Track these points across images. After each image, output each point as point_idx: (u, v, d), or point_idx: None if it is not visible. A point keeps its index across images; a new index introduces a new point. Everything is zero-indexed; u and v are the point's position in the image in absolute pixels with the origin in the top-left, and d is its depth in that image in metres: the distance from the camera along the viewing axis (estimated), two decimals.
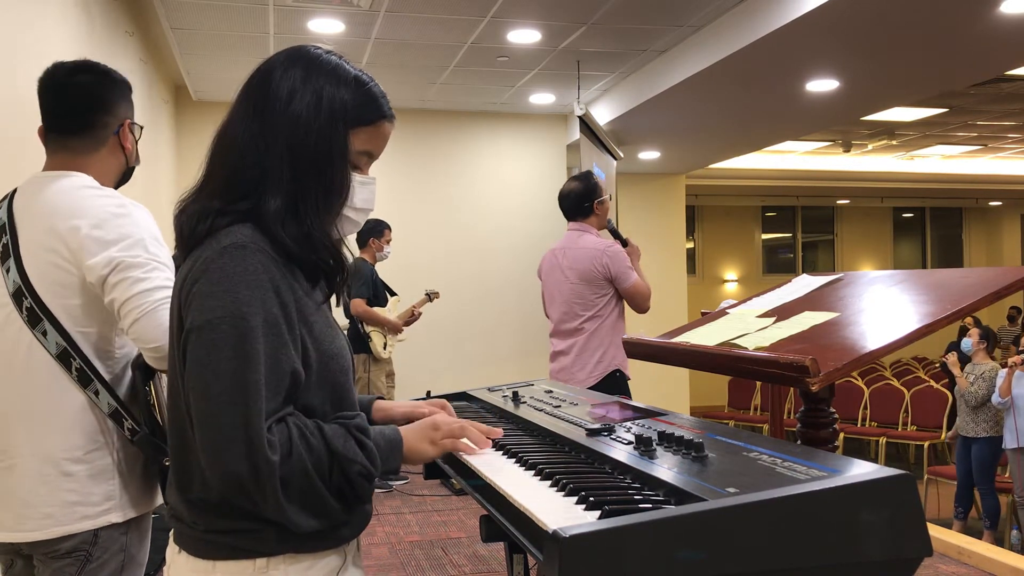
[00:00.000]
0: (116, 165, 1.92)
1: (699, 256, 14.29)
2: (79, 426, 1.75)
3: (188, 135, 7.68)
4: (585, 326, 3.87)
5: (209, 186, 1.29)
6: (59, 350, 1.73)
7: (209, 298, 1.17)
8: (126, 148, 1.92)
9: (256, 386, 1.15)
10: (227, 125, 1.30)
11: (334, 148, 1.28)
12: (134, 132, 1.95)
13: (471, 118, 8.56)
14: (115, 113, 1.90)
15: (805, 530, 1.05)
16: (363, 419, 1.28)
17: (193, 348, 1.17)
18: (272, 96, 1.27)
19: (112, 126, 1.89)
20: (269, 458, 1.13)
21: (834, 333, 1.81)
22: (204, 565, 1.23)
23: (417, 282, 7.42)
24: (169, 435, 1.30)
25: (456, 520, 5.08)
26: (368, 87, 1.33)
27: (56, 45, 3.57)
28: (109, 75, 1.94)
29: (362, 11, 5.63)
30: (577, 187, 4.01)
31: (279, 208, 1.24)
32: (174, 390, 1.25)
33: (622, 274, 3.83)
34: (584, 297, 3.87)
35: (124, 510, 1.79)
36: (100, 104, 1.88)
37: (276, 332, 1.18)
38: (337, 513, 1.22)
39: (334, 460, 1.19)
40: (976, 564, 4.09)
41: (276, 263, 1.22)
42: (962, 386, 6.29)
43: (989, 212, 15.98)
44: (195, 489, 1.23)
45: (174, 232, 1.33)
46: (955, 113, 9.40)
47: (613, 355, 3.84)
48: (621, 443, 1.45)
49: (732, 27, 5.66)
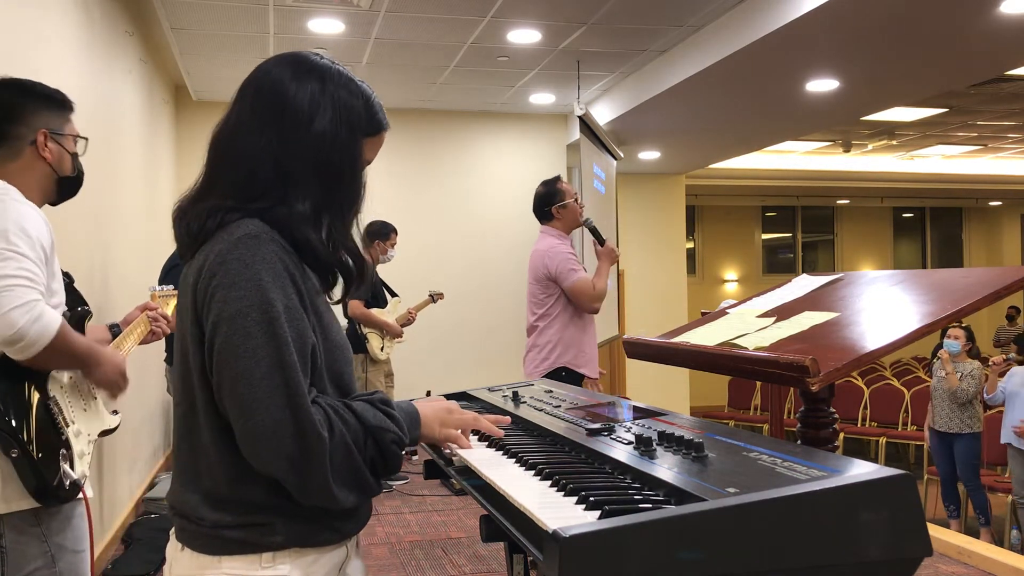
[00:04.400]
0: (39, 176, 1.94)
1: (699, 256, 14.29)
2: None
3: (188, 135, 7.68)
4: (538, 324, 4.03)
5: (217, 188, 1.30)
6: None
7: (233, 288, 1.19)
8: (46, 157, 1.93)
9: (294, 368, 1.18)
10: (235, 130, 1.31)
11: (355, 160, 1.33)
12: (62, 143, 1.96)
13: (471, 118, 8.56)
14: (28, 123, 1.91)
15: (805, 530, 1.05)
16: (384, 394, 1.33)
17: (224, 338, 1.18)
18: (293, 109, 1.29)
19: (26, 137, 1.91)
20: (320, 434, 1.17)
21: (834, 333, 1.81)
22: (209, 560, 1.23)
23: (417, 282, 7.42)
24: (175, 432, 1.31)
25: (456, 520, 5.08)
26: (372, 99, 1.37)
27: (56, 45, 3.57)
28: (26, 89, 1.95)
29: (362, 11, 5.63)
30: (540, 192, 4.15)
31: (307, 212, 1.28)
32: (185, 385, 1.26)
33: (562, 274, 3.93)
34: (536, 296, 4.04)
35: (9, 502, 1.79)
36: (9, 116, 1.90)
37: (298, 316, 1.22)
38: (372, 487, 1.26)
39: (368, 433, 1.24)
40: (976, 564, 4.10)
41: (288, 253, 1.25)
42: (952, 383, 6.31)
43: (989, 212, 15.98)
44: (203, 484, 1.24)
45: (174, 233, 1.33)
46: (955, 113, 9.40)
47: (560, 353, 3.95)
48: (621, 443, 1.45)
49: (732, 27, 5.66)
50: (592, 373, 4.05)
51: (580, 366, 3.98)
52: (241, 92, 1.33)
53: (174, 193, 6.87)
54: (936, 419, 6.51)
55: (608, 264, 4.03)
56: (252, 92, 1.32)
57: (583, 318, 4.00)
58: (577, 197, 4.15)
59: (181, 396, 1.28)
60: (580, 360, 3.98)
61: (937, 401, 6.51)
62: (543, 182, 4.19)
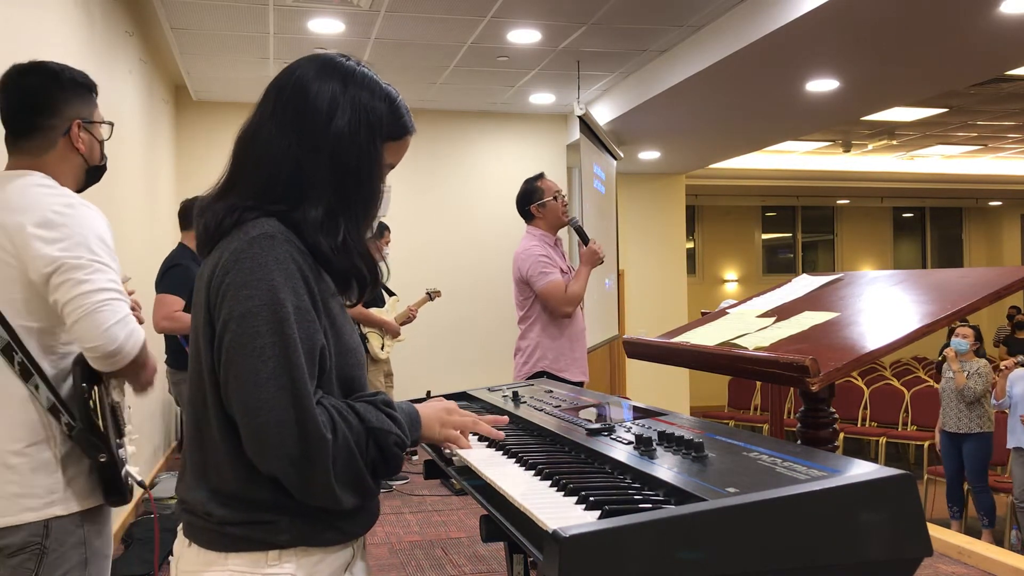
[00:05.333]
0: (73, 166, 1.91)
1: (699, 256, 14.29)
2: (21, 419, 1.76)
3: (188, 135, 7.67)
4: (520, 326, 3.97)
5: (239, 187, 1.30)
6: (3, 344, 1.75)
7: (244, 287, 1.19)
8: (79, 148, 1.91)
9: (301, 369, 1.18)
10: (258, 130, 1.31)
11: (373, 163, 1.32)
12: (92, 131, 1.93)
13: (471, 118, 8.56)
14: (62, 114, 1.88)
15: (805, 530, 1.05)
16: (386, 396, 1.32)
17: (234, 337, 1.19)
18: (312, 109, 1.28)
19: (60, 128, 1.88)
20: (324, 436, 1.17)
21: (834, 333, 1.81)
22: (216, 557, 1.23)
23: (417, 282, 7.41)
24: (186, 429, 1.31)
25: (456, 520, 5.08)
26: (397, 102, 1.36)
27: (56, 45, 3.57)
28: (57, 76, 1.90)
29: (362, 11, 5.63)
30: (520, 191, 4.06)
31: (319, 218, 1.27)
32: (197, 382, 1.27)
33: (533, 277, 3.83)
34: (517, 299, 3.99)
35: (70, 503, 1.79)
36: (43, 107, 1.87)
37: (309, 318, 1.22)
38: (372, 488, 1.26)
39: (370, 435, 1.24)
40: (976, 564, 4.10)
41: (303, 254, 1.25)
42: (959, 382, 6.30)
43: (989, 212, 15.98)
44: (211, 480, 1.25)
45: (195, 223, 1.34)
46: (955, 113, 9.40)
47: (540, 356, 3.84)
48: (621, 443, 1.45)
49: (732, 27, 5.66)
50: (577, 377, 3.86)
51: (561, 370, 3.81)
52: (267, 92, 1.34)
53: (174, 193, 6.87)
54: (945, 420, 6.50)
55: (588, 266, 3.86)
56: (276, 92, 1.32)
57: (561, 321, 3.84)
58: (558, 194, 3.98)
59: (194, 392, 1.28)
60: (560, 364, 3.82)
61: (946, 402, 6.51)
62: (525, 180, 4.06)
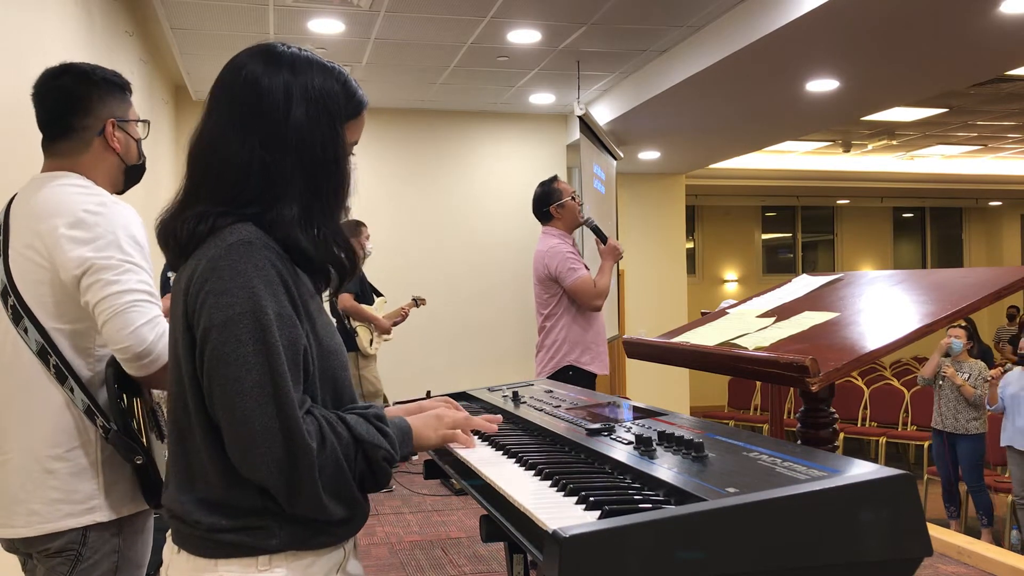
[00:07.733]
0: (109, 166, 1.89)
1: (699, 256, 14.29)
2: (59, 424, 1.74)
3: (188, 135, 7.63)
4: (545, 324, 4.07)
5: (204, 196, 1.27)
6: (38, 347, 1.73)
7: (224, 295, 1.17)
8: (115, 148, 1.88)
9: (285, 377, 1.17)
10: (216, 136, 1.28)
11: (339, 148, 1.30)
12: (127, 130, 1.91)
13: (471, 118, 8.56)
14: (95, 114, 1.86)
15: (805, 530, 1.05)
16: (379, 408, 1.31)
17: (215, 346, 1.17)
18: (268, 106, 1.26)
19: (94, 128, 1.86)
20: (309, 446, 1.16)
21: (834, 333, 1.81)
22: (205, 564, 1.22)
23: (417, 282, 7.42)
24: (169, 436, 1.30)
25: (456, 520, 5.08)
26: (347, 79, 1.33)
27: (56, 45, 3.57)
28: (88, 75, 1.88)
29: (362, 11, 5.63)
30: (537, 193, 4.19)
31: (295, 215, 1.25)
32: (178, 390, 1.25)
33: (562, 273, 3.96)
34: (541, 297, 4.08)
35: (110, 510, 1.77)
36: (76, 107, 1.85)
37: (291, 324, 1.20)
38: (359, 502, 1.25)
39: (359, 447, 1.22)
40: (976, 564, 4.10)
41: (282, 259, 1.23)
42: (967, 392, 6.26)
43: (989, 212, 15.98)
44: (197, 488, 1.24)
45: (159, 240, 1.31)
46: (955, 113, 9.40)
47: (567, 352, 3.99)
48: (621, 443, 1.45)
49: (732, 27, 5.66)
50: (601, 370, 4.07)
51: (587, 364, 4.01)
52: (215, 94, 1.30)
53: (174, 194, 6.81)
54: (939, 419, 6.47)
55: (612, 262, 4.09)
56: (226, 93, 1.29)
57: (588, 315, 4.02)
58: (575, 195, 4.18)
59: (174, 400, 1.27)
60: (587, 358, 4.01)
61: (941, 400, 6.49)
62: (540, 183, 4.23)
